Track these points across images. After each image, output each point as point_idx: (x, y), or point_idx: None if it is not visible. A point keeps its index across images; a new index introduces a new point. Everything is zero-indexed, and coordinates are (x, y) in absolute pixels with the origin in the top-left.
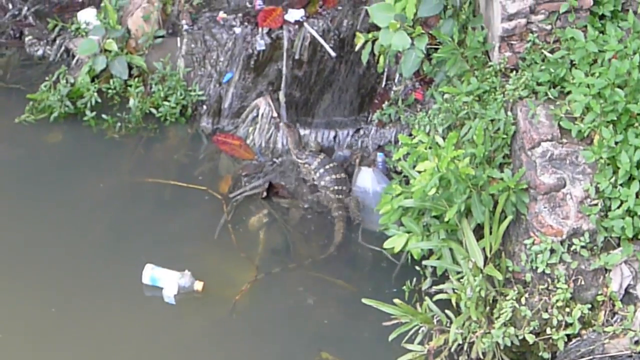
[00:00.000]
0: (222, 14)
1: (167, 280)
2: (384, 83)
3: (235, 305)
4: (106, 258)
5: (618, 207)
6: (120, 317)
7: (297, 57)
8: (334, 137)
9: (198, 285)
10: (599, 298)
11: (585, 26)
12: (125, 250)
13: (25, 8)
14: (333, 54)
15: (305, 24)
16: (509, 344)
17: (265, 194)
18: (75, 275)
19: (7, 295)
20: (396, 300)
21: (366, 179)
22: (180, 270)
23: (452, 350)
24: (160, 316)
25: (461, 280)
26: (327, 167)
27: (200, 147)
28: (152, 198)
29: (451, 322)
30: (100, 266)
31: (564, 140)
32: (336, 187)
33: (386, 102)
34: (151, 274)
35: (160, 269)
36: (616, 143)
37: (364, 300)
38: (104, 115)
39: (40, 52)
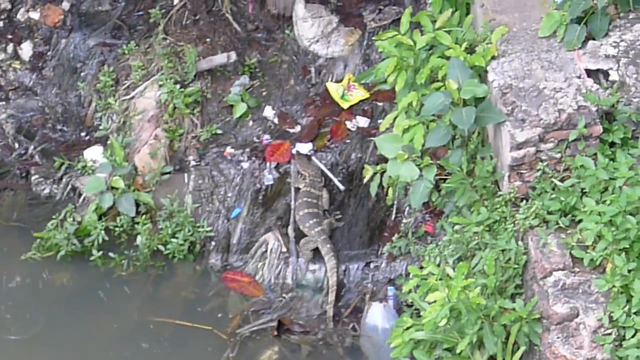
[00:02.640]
0: (229, 149)
1: None
2: (393, 215)
3: None
4: None
5: (632, 336)
6: None
7: None
8: (344, 271)
9: None
10: None
11: (595, 154)
12: None
13: (32, 147)
14: (342, 187)
15: (314, 158)
16: None
17: (276, 332)
18: None
19: None
20: None
21: (376, 316)
22: None
23: None
24: None
25: None
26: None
27: (208, 284)
28: (157, 337)
29: None
30: None
31: (576, 269)
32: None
33: (396, 235)
34: None
35: None
36: (629, 271)
37: None
38: (111, 254)
39: (46, 191)
